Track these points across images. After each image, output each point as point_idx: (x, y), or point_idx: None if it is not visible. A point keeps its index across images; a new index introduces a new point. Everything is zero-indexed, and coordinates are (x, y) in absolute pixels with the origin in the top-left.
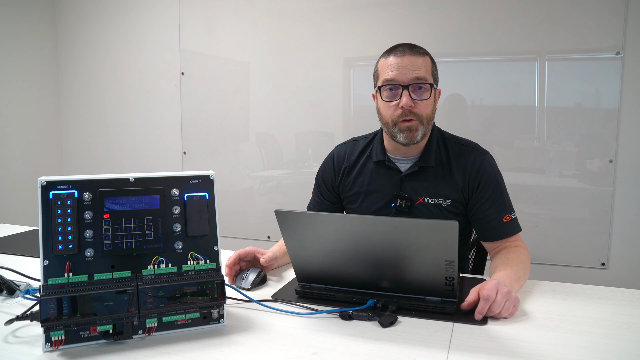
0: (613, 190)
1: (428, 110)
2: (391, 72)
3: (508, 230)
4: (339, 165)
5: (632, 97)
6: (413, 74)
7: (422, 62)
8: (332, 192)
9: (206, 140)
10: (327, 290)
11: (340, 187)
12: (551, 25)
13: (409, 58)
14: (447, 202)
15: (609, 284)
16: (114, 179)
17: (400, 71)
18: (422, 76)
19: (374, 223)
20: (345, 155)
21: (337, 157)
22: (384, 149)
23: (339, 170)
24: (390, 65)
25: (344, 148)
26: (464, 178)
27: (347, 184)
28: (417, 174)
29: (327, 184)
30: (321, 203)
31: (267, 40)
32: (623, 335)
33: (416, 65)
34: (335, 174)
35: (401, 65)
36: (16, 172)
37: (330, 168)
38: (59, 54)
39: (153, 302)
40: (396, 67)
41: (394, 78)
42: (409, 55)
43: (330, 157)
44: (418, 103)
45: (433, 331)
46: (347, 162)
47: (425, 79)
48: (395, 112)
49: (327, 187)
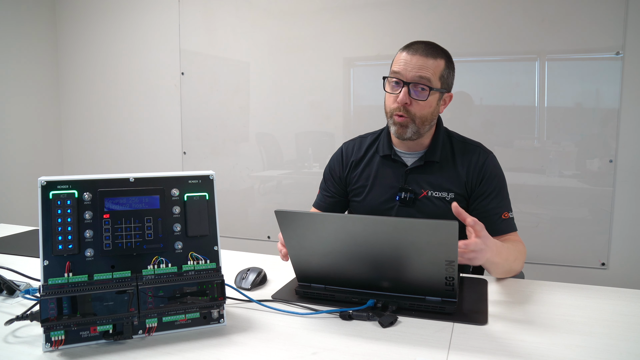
0: (613, 190)
1: (424, 112)
2: (399, 66)
3: (506, 227)
4: (347, 158)
5: (632, 97)
6: (417, 73)
7: (432, 64)
8: (339, 185)
9: (206, 140)
10: (327, 290)
11: (347, 179)
12: (551, 25)
13: (418, 57)
14: (451, 196)
15: (609, 284)
16: (114, 179)
17: (406, 67)
18: (426, 77)
19: (374, 223)
20: (353, 150)
21: (346, 151)
22: (391, 143)
23: (347, 164)
24: (400, 59)
25: (352, 144)
26: (468, 173)
27: (354, 177)
28: (422, 167)
29: (334, 177)
30: (329, 197)
31: (267, 40)
32: (623, 335)
33: (424, 65)
34: (343, 167)
35: (409, 62)
36: (16, 172)
37: (338, 161)
38: (59, 54)
39: (153, 302)
40: (404, 62)
41: (399, 72)
42: (420, 55)
43: (339, 151)
44: (414, 102)
45: (433, 331)
46: (355, 156)
47: (428, 80)
48: (392, 104)
49: (335, 180)
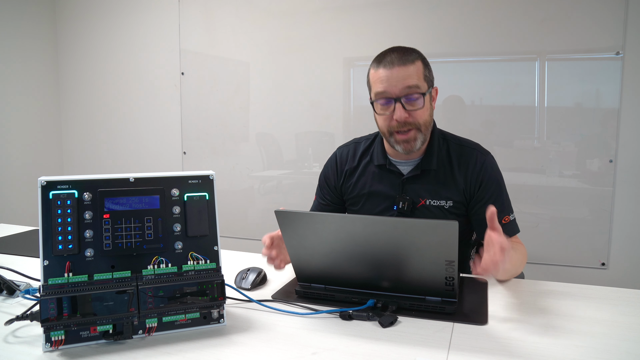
0: (613, 190)
1: (425, 117)
2: (381, 85)
3: (506, 231)
4: (341, 166)
5: (632, 97)
6: (404, 84)
7: (413, 70)
8: (335, 194)
9: (206, 140)
10: (327, 290)
11: (342, 188)
12: (551, 25)
13: (398, 69)
14: (450, 204)
15: (609, 284)
16: (114, 179)
17: (390, 83)
18: (413, 85)
19: (374, 223)
20: (347, 157)
21: (340, 159)
22: (385, 152)
23: (342, 172)
24: (380, 77)
25: (347, 150)
26: (466, 179)
27: (349, 186)
28: (418, 176)
29: (330, 186)
30: (325, 205)
31: (267, 40)
32: (623, 335)
33: (406, 75)
34: (338, 176)
35: (391, 77)
36: (16, 172)
37: (333, 169)
38: (59, 54)
39: (153, 302)
40: (386, 79)
41: (385, 91)
42: (397, 66)
43: (333, 158)
44: (412, 113)
45: (433, 331)
46: (350, 164)
47: (417, 86)
48: (390, 122)
49: (330, 189)
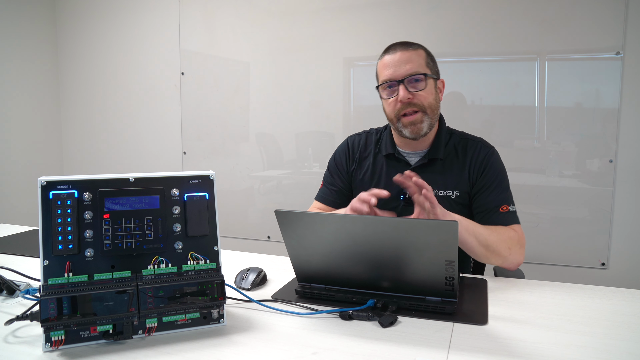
0: (613, 190)
1: (430, 99)
2: (387, 70)
3: (504, 220)
4: (353, 152)
5: (632, 97)
6: (406, 68)
7: (415, 56)
8: (345, 178)
9: (206, 140)
10: (327, 290)
11: (352, 175)
12: (551, 25)
13: (400, 54)
14: (456, 194)
15: (609, 284)
16: (114, 179)
17: (394, 68)
18: (415, 67)
19: (373, 223)
20: (359, 145)
21: (352, 145)
22: (394, 142)
23: (354, 158)
24: (385, 64)
25: (358, 138)
26: (470, 168)
27: (359, 173)
28: (426, 166)
29: (341, 170)
30: (334, 190)
31: (267, 40)
32: (623, 335)
33: (409, 59)
34: (351, 161)
35: (394, 62)
36: (16, 172)
37: (345, 153)
38: (59, 54)
39: (153, 302)
40: (390, 64)
41: (389, 76)
42: (400, 51)
43: (345, 144)
44: (416, 94)
45: (433, 331)
46: (361, 151)
47: (418, 70)
48: (395, 106)
49: (342, 173)
